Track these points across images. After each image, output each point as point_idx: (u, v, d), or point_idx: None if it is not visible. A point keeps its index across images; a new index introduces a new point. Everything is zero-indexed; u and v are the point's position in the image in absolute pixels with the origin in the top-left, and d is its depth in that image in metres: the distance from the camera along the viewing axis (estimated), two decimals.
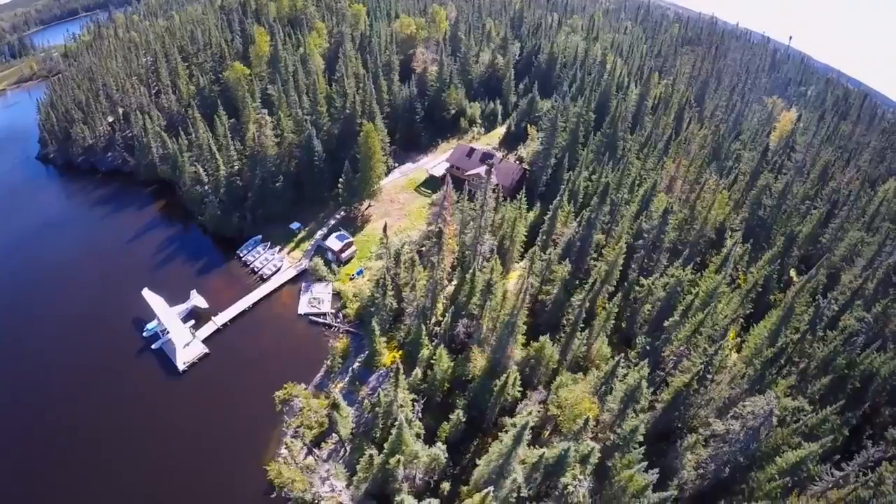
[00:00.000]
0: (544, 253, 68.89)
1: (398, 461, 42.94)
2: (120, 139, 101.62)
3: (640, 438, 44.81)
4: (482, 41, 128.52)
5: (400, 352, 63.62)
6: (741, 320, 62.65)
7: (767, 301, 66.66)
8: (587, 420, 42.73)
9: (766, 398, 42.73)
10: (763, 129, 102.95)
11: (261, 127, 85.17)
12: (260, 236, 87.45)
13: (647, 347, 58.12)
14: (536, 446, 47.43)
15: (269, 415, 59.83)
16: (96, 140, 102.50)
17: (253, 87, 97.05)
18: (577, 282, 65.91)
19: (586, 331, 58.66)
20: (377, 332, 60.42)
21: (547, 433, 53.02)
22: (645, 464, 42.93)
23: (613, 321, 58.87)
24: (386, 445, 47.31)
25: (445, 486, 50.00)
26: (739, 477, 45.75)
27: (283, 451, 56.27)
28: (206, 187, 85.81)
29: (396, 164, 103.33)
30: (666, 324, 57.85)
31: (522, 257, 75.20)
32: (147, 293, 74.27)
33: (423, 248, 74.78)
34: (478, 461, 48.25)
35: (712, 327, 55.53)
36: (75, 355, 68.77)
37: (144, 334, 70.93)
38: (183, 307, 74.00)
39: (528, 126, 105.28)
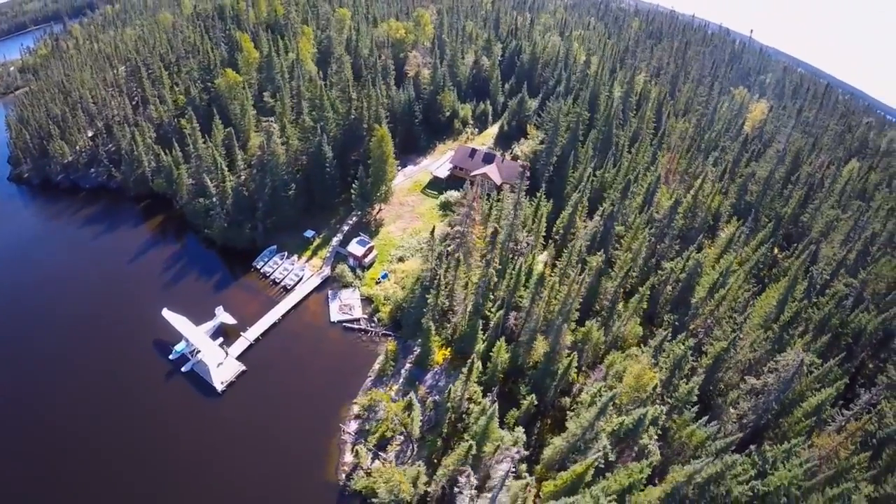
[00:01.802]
0: (568, 245, 78.33)
1: (496, 447, 49.94)
2: (104, 154, 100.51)
3: (695, 398, 54.85)
4: (465, 43, 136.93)
5: (449, 349, 70.51)
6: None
7: (762, 275, 79.63)
8: (655, 387, 52.00)
9: (795, 353, 53.92)
10: (736, 120, 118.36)
11: (269, 135, 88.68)
12: (275, 246, 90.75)
13: (677, 323, 69.01)
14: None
15: (323, 426, 64.92)
16: (77, 156, 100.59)
17: (247, 94, 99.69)
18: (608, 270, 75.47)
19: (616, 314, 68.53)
20: (432, 332, 66.83)
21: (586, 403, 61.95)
22: (705, 419, 52.85)
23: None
24: (468, 435, 54.19)
25: (522, 466, 57.42)
26: (772, 423, 56.76)
27: (348, 458, 60.84)
28: (214, 199, 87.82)
29: (400, 167, 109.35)
30: (694, 300, 68.97)
31: (543, 249, 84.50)
32: (168, 314, 75.21)
33: (450, 248, 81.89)
34: (551, 440, 56.63)
35: (733, 300, 66.94)
36: (100, 391, 67.36)
37: (171, 357, 71.15)
38: (210, 325, 75.53)
39: (528, 125, 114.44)
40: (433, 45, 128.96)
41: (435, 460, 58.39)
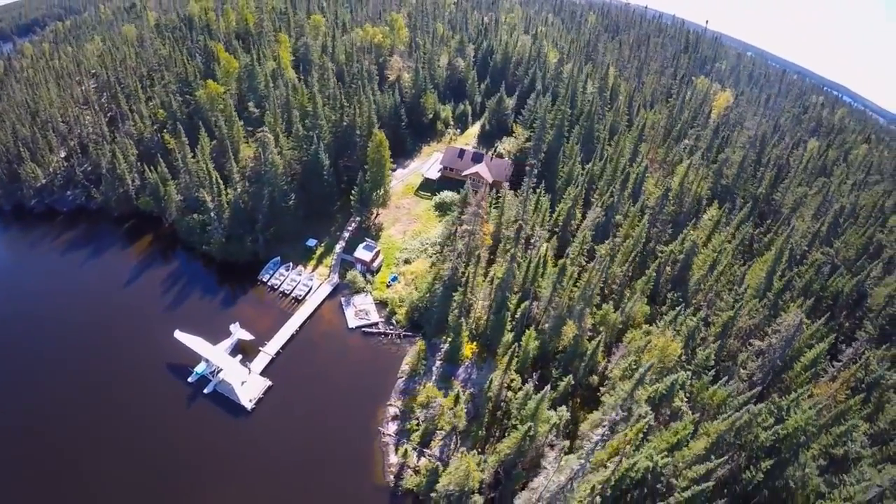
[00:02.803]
0: (574, 236, 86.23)
1: (547, 428, 56.19)
2: (81, 174, 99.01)
3: (712, 363, 63.58)
4: (438, 45, 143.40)
5: (475, 343, 76.28)
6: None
7: (745, 251, 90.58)
8: (680, 356, 60.13)
9: (794, 315, 63.62)
10: (702, 109, 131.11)
11: (265, 145, 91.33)
12: (279, 258, 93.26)
13: (681, 300, 78.05)
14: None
15: (361, 431, 68.75)
16: (50, 178, 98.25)
17: (228, 104, 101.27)
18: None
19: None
20: (464, 328, 72.43)
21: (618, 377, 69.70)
22: (725, 378, 61.54)
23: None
24: (518, 419, 60.23)
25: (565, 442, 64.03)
26: (776, 378, 66.33)
27: (394, 459, 64.96)
28: (212, 213, 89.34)
29: (392, 171, 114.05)
30: (693, 278, 78.28)
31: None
32: (181, 335, 75.76)
33: (458, 246, 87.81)
34: (585, 415, 63.75)
35: (730, 275, 76.76)
36: (121, 425, 66.18)
37: (190, 380, 71.99)
38: (228, 343, 76.97)
39: (514, 124, 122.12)
40: (409, 48, 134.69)
41: (478, 450, 63.78)
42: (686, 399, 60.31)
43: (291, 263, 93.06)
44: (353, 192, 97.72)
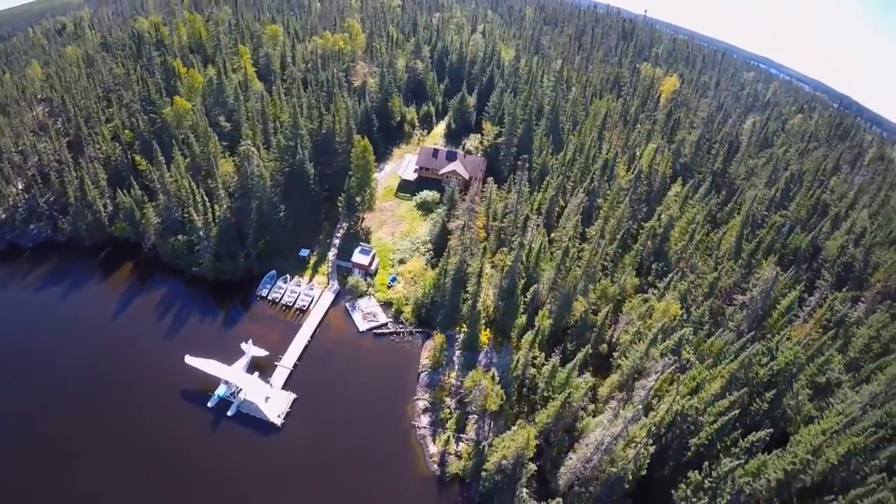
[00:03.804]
0: (563, 220, 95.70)
1: (582, 393, 64.25)
2: (44, 205, 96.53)
3: (706, 319, 74.37)
4: (394, 48, 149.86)
5: (489, 329, 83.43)
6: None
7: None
8: (680, 316, 70.30)
9: (770, 269, 75.65)
10: (651, 94, 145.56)
11: (249, 158, 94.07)
12: (274, 271, 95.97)
13: (665, 268, 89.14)
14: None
15: (394, 428, 73.54)
16: (10, 212, 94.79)
17: (202, 120, 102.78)
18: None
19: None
20: (481, 318, 79.34)
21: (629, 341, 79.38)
22: (722, 329, 72.38)
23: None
24: (550, 393, 67.87)
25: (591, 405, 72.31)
26: (758, 326, 78.22)
27: (433, 449, 70.41)
28: (201, 232, 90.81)
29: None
30: (674, 248, 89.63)
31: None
32: (193, 360, 76.33)
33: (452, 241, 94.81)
34: (601, 381, 72.65)
35: (707, 242, 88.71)
36: (146, 461, 65.61)
37: (210, 405, 72.66)
38: (243, 361, 78.52)
39: (483, 121, 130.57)
40: (367, 53, 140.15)
41: (512, 426, 70.76)
42: (692, 351, 70.66)
43: (288, 276, 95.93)
44: (339, 198, 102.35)
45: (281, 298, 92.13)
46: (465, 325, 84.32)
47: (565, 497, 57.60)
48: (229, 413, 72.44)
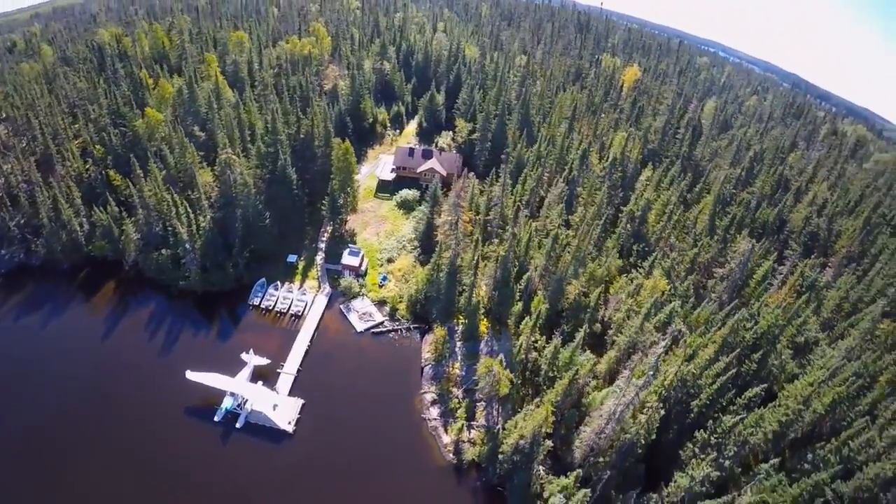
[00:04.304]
0: (540, 211, 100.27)
1: (587, 369, 68.28)
2: (15, 228, 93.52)
3: (691, 292, 79.94)
4: (360, 50, 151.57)
5: (486, 318, 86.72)
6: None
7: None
8: (668, 291, 75.38)
9: (745, 243, 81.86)
10: (614, 84, 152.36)
11: (230, 166, 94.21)
12: (264, 279, 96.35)
13: (646, 248, 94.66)
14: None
15: (405, 423, 75.65)
16: None
17: (178, 131, 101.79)
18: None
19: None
20: (480, 310, 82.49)
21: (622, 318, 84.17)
22: (706, 300, 77.96)
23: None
24: (555, 372, 71.71)
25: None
26: (738, 295, 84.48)
27: (447, 439, 72.89)
28: (187, 245, 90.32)
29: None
30: (655, 229, 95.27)
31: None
32: (194, 375, 75.41)
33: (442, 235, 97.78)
34: (599, 358, 77.05)
35: (684, 221, 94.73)
36: (157, 482, 64.72)
37: (217, 419, 72.18)
38: (246, 372, 78.56)
39: (456, 118, 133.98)
40: (333, 56, 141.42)
41: (519, 409, 74.31)
42: (681, 322, 75.87)
43: (279, 282, 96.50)
44: (322, 202, 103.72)
45: (274, 306, 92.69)
46: (461, 317, 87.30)
47: (582, 469, 61.47)
48: (238, 425, 72.38)
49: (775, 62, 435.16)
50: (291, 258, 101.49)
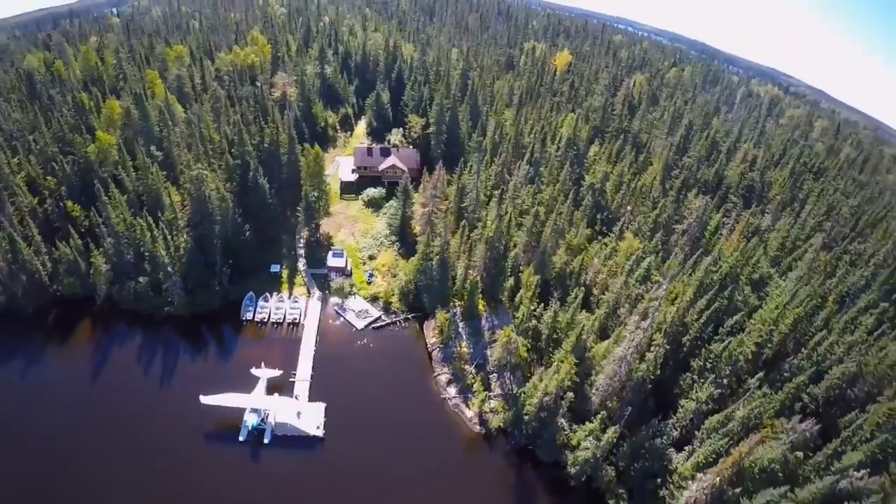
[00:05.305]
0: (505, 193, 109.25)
1: (590, 325, 77.33)
2: None
3: (659, 248, 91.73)
4: (300, 56, 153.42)
5: (482, 296, 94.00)
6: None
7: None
8: (642, 249, 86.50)
9: (699, 200, 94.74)
10: (546, 69, 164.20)
11: (204, 182, 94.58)
12: (251, 293, 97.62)
13: (609, 216, 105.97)
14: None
15: (427, 405, 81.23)
16: None
17: (140, 153, 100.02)
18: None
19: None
20: (478, 290, 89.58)
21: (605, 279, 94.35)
22: (674, 254, 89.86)
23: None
24: (557, 333, 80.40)
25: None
26: (697, 246, 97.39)
27: (469, 413, 79.38)
28: (169, 269, 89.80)
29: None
30: (616, 197, 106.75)
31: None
32: (209, 399, 74.67)
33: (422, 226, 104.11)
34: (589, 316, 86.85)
35: (640, 189, 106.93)
36: None
37: (242, 438, 72.29)
38: (261, 386, 79.21)
39: (408, 114, 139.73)
40: (273, 63, 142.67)
41: (531, 373, 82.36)
42: (657, 274, 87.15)
43: (267, 294, 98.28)
44: (297, 209, 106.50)
45: (269, 317, 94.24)
46: (457, 300, 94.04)
47: (598, 413, 70.41)
48: (266, 440, 72.91)
49: (681, 32, 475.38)
50: (275, 268, 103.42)
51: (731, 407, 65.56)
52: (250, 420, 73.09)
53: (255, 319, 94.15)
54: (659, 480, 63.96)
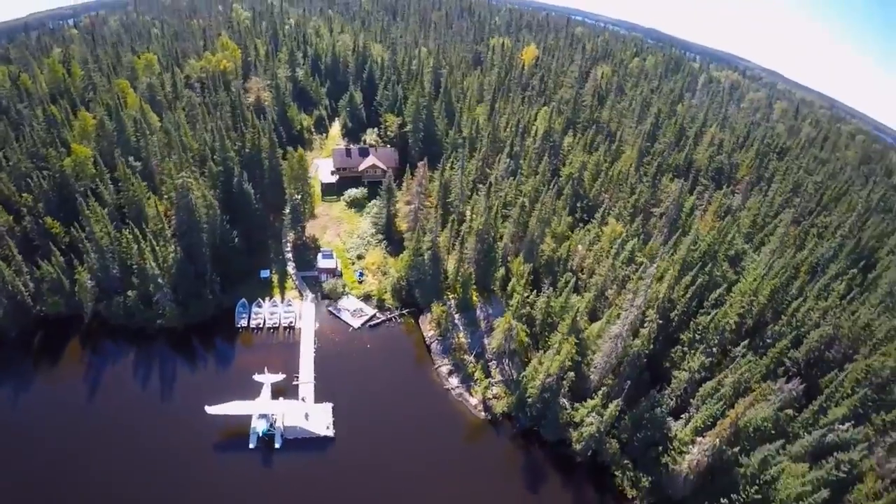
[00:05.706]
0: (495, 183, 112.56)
1: (583, 307, 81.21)
2: None
3: (640, 230, 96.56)
4: (270, 60, 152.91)
5: (474, 287, 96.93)
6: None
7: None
8: (624, 231, 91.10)
9: (676, 183, 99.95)
10: (514, 64, 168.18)
11: (189, 190, 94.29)
12: (244, 299, 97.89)
13: (588, 203, 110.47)
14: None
15: (432, 396, 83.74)
16: None
17: (121, 164, 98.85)
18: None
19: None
20: (472, 282, 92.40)
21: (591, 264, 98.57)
22: (655, 236, 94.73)
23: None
24: (551, 317, 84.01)
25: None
26: (675, 227, 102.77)
27: (473, 400, 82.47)
28: (160, 280, 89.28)
29: None
30: (594, 187, 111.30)
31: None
32: (215, 408, 74.22)
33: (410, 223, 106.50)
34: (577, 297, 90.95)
35: (616, 176, 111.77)
36: None
37: (252, 445, 72.54)
38: (266, 392, 79.71)
39: (383, 114, 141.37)
40: (247, 68, 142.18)
41: (528, 358, 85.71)
42: (641, 256, 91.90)
43: (260, 299, 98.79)
44: (283, 213, 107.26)
45: (264, 323, 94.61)
46: (450, 293, 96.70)
47: (597, 390, 74.31)
48: (277, 445, 73.42)
49: (632, 20, 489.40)
50: (265, 273, 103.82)
51: (722, 374, 70.42)
52: (259, 426, 73.44)
53: (251, 326, 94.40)
54: (661, 448, 68.10)
